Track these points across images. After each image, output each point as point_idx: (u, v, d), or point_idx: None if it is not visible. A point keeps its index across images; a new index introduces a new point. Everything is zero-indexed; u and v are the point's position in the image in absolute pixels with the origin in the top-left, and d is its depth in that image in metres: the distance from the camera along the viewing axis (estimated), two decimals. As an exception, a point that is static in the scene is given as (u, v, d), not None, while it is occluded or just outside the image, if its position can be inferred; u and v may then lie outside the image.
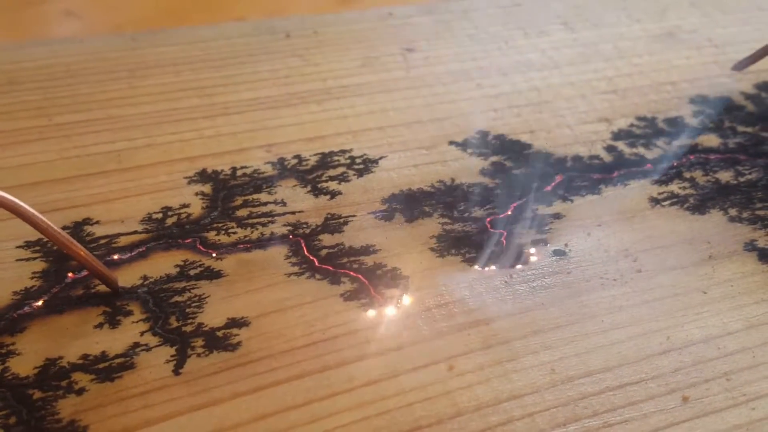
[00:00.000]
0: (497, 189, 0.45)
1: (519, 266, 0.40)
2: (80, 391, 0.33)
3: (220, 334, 0.36)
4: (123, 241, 0.40)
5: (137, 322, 0.36)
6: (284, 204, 0.43)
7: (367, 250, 0.41)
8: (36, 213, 0.34)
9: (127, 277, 0.38)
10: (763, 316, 0.38)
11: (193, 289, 0.38)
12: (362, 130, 0.49)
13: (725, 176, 0.47)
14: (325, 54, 0.56)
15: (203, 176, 0.45)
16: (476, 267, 0.40)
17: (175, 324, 0.36)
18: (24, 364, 0.34)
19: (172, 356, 0.35)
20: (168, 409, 0.33)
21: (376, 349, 0.36)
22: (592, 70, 0.56)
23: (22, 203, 0.33)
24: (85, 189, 0.43)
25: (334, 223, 0.42)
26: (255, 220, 0.42)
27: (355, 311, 0.37)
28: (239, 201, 0.43)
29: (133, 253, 0.40)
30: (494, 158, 0.47)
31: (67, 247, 0.35)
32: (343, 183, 0.45)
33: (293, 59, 0.55)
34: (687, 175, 0.47)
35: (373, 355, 0.35)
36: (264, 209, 0.43)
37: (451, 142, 0.48)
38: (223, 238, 0.41)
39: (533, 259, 0.41)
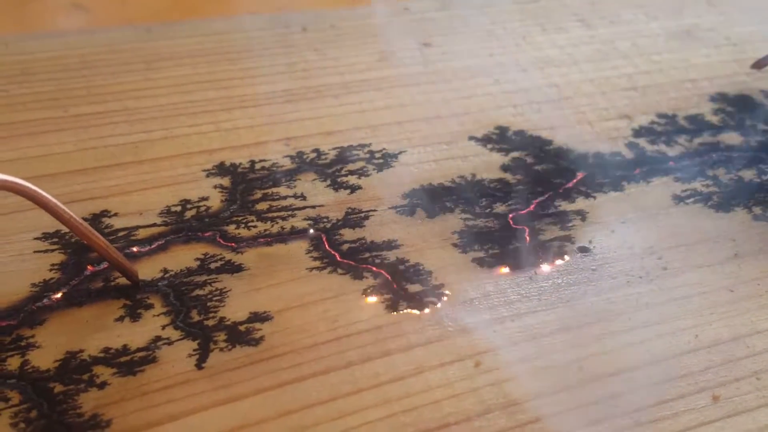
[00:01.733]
0: (519, 185, 0.44)
1: (543, 263, 0.40)
2: (102, 385, 0.32)
3: (242, 328, 0.35)
4: (142, 233, 0.40)
5: (158, 315, 0.36)
6: (304, 198, 0.43)
7: (389, 245, 0.40)
8: (58, 203, 0.33)
9: (147, 270, 0.38)
10: (791, 315, 0.38)
11: (214, 282, 0.37)
12: (381, 124, 0.49)
13: (748, 174, 0.46)
14: (342, 48, 0.55)
15: (222, 169, 0.44)
16: (500, 263, 0.39)
17: (196, 318, 0.36)
18: (44, 357, 0.33)
19: (194, 350, 0.34)
20: (192, 403, 0.32)
21: (400, 345, 0.35)
22: (611, 67, 0.56)
23: (43, 193, 0.33)
24: (102, 181, 0.43)
25: (354, 218, 0.42)
26: (275, 214, 0.42)
27: (378, 306, 0.37)
28: (258, 194, 0.43)
29: (152, 246, 0.39)
30: (515, 154, 0.47)
31: (88, 238, 0.34)
32: (362, 177, 0.44)
33: (310, 53, 0.55)
34: (710, 172, 0.46)
35: (397, 351, 0.35)
36: (284, 203, 0.42)
37: (471, 138, 0.48)
38: (243, 232, 0.40)
39: (557, 255, 0.40)
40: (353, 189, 0.44)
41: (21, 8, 0.65)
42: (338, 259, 0.39)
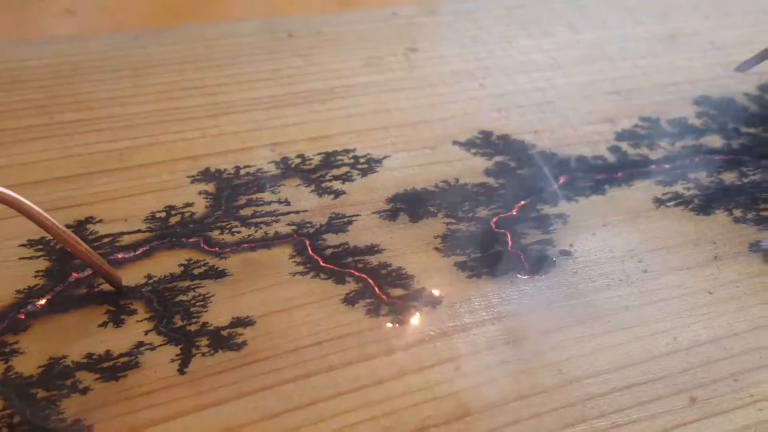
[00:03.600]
0: (502, 189, 0.45)
1: (524, 266, 0.40)
2: (85, 391, 0.33)
3: (225, 333, 0.36)
4: (126, 239, 0.40)
5: (141, 321, 0.36)
6: (288, 203, 0.43)
7: (371, 250, 0.41)
8: (40, 211, 0.33)
9: (131, 276, 0.38)
10: (769, 317, 0.38)
11: (197, 288, 0.38)
12: (366, 129, 0.49)
13: (729, 177, 0.47)
14: (328, 54, 0.56)
15: (206, 175, 0.44)
16: (482, 267, 0.40)
17: (179, 323, 0.36)
18: (28, 363, 0.34)
19: (176, 355, 0.35)
20: (173, 408, 0.32)
21: (381, 348, 0.36)
22: (595, 71, 0.56)
23: (26, 201, 0.33)
24: (87, 187, 0.43)
25: (338, 223, 0.42)
26: (259, 220, 0.42)
27: (360, 311, 0.37)
28: (243, 200, 0.43)
29: (136, 252, 0.39)
30: (498, 158, 0.47)
31: (71, 245, 0.35)
32: (347, 182, 0.45)
33: (296, 59, 0.55)
34: (691, 176, 0.47)
35: (378, 355, 0.35)
36: (268, 208, 0.43)
37: (455, 142, 0.48)
38: (227, 237, 0.41)
39: (539, 259, 0.40)
40: (337, 194, 0.44)
41: (13, 14, 0.65)
42: (321, 264, 0.40)
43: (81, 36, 0.58)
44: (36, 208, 0.33)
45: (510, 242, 0.41)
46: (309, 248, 0.40)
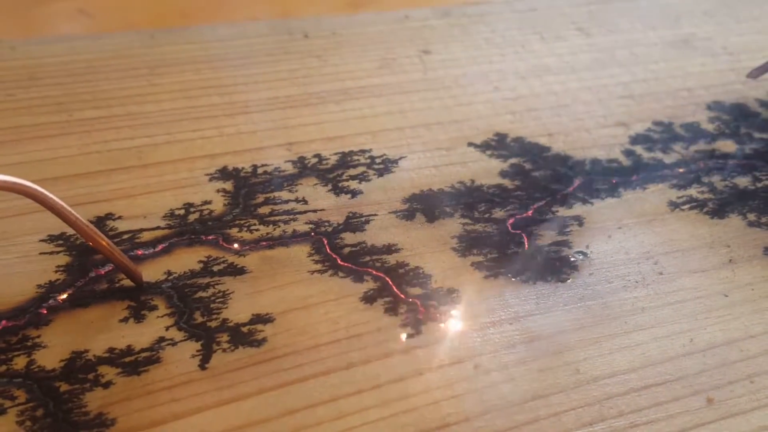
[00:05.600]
0: (517, 191, 0.45)
1: (540, 267, 0.40)
2: (107, 385, 0.33)
3: (245, 329, 0.36)
4: (146, 236, 0.40)
5: (162, 316, 0.36)
6: (305, 202, 0.43)
7: (389, 249, 0.41)
8: (65, 205, 0.34)
9: (151, 272, 0.38)
10: (784, 320, 0.38)
11: (217, 284, 0.38)
12: (381, 130, 0.49)
13: (743, 182, 0.47)
14: (342, 55, 0.56)
15: (224, 173, 0.45)
16: (498, 267, 0.40)
17: (200, 319, 0.36)
18: (50, 357, 0.34)
19: (197, 351, 0.35)
20: (195, 403, 0.33)
21: (400, 347, 0.36)
22: (608, 75, 0.56)
23: (50, 195, 0.33)
24: (106, 184, 0.43)
25: (355, 222, 0.42)
26: (277, 218, 0.42)
27: (378, 309, 0.37)
28: (261, 198, 0.43)
29: (156, 249, 0.40)
30: (513, 160, 0.47)
31: (93, 240, 0.35)
32: (363, 182, 0.45)
33: (311, 59, 0.55)
34: (705, 179, 0.47)
35: (397, 353, 0.36)
36: (285, 207, 0.43)
37: (470, 144, 0.49)
38: (246, 235, 0.41)
39: (555, 260, 0.41)
40: (354, 194, 0.44)
41: (27, 14, 0.65)
42: (339, 262, 0.40)
43: (97, 35, 0.58)
44: (60, 202, 0.33)
45: (526, 243, 0.42)
46: (327, 247, 0.41)
